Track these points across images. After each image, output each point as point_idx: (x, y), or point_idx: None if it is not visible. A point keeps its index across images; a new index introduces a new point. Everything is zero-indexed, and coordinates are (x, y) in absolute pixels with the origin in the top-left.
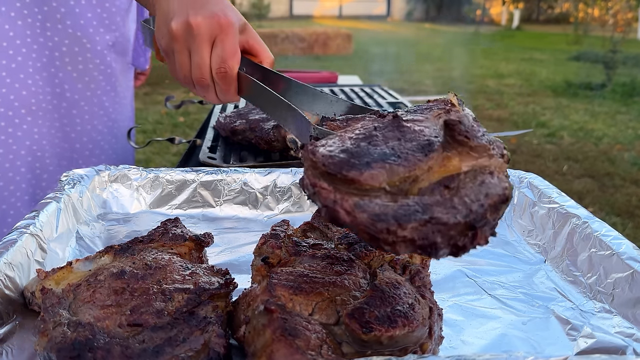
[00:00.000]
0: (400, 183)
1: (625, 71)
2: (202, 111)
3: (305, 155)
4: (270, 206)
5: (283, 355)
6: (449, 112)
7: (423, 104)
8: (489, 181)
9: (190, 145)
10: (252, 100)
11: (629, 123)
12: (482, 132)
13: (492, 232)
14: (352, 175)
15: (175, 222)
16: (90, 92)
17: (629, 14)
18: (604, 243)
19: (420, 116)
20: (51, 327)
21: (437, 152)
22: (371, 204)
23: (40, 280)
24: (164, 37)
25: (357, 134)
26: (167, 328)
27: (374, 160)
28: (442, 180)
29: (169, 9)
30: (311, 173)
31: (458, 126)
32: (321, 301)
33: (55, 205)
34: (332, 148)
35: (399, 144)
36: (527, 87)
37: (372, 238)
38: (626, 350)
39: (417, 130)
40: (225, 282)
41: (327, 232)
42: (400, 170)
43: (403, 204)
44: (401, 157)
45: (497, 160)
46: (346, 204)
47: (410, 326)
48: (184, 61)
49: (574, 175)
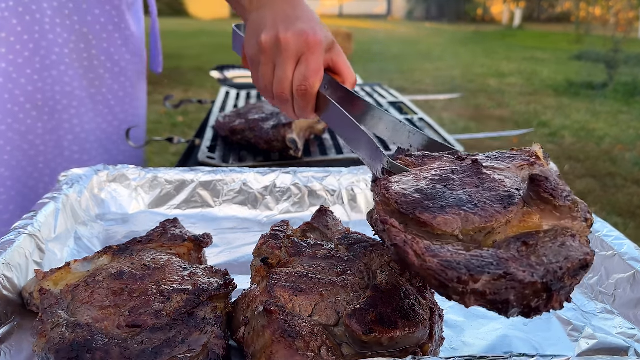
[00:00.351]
0: (475, 233)
1: (627, 70)
2: (201, 111)
3: (378, 190)
4: (269, 206)
5: (283, 357)
6: (533, 165)
7: (505, 152)
8: (570, 244)
9: (189, 145)
10: (328, 120)
11: (631, 123)
12: (568, 193)
13: (567, 298)
14: (425, 217)
15: (174, 223)
16: (95, 89)
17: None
18: (606, 243)
19: (501, 164)
20: (49, 328)
21: (518, 206)
22: (443, 250)
23: (39, 280)
24: (253, 47)
25: (433, 175)
26: (165, 329)
27: (449, 205)
28: (520, 236)
29: (261, 22)
30: (382, 209)
31: (544, 183)
32: (321, 302)
33: (53, 205)
34: (407, 186)
35: (476, 192)
36: (528, 87)
37: (441, 285)
38: (628, 351)
39: (497, 180)
40: (224, 282)
41: (327, 232)
42: (476, 219)
43: (476, 254)
44: (478, 206)
45: (580, 223)
46: (417, 246)
47: (411, 327)
48: (267, 73)
49: (575, 175)
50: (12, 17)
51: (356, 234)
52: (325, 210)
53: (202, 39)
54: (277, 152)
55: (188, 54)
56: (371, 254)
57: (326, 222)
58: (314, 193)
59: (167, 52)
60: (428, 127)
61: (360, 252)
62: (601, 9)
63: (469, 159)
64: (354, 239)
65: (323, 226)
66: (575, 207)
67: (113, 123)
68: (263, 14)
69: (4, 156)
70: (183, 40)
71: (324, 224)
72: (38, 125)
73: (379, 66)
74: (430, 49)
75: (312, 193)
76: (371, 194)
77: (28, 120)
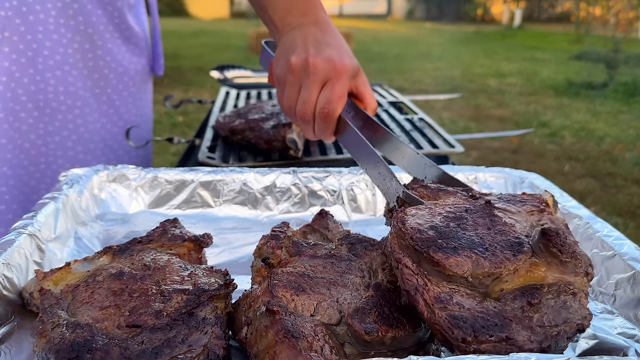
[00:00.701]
0: (483, 277)
1: (627, 70)
2: (201, 111)
3: (394, 222)
4: (269, 206)
5: (286, 357)
6: (543, 212)
7: (517, 195)
8: (571, 304)
9: (189, 145)
10: (346, 145)
11: (631, 123)
12: (574, 248)
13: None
14: (438, 257)
15: (174, 223)
16: (99, 89)
17: (630, 13)
18: (606, 243)
19: (512, 207)
20: (50, 328)
21: (526, 255)
22: (452, 302)
23: (39, 280)
24: (282, 67)
25: (447, 212)
26: (166, 329)
27: (462, 246)
28: (526, 290)
29: (292, 44)
30: (397, 243)
31: (555, 238)
32: (323, 301)
33: (53, 205)
34: (422, 222)
35: (488, 234)
36: (528, 87)
37: (446, 341)
38: (628, 351)
39: (508, 224)
40: (224, 282)
41: (327, 234)
42: (486, 264)
43: (483, 310)
44: (489, 250)
45: (582, 279)
46: (427, 295)
47: (413, 327)
48: (293, 93)
49: (575, 175)
50: (16, 17)
51: (356, 235)
52: (326, 213)
53: (202, 39)
54: (277, 152)
55: (188, 54)
56: (372, 253)
57: (326, 224)
58: (314, 193)
59: (168, 52)
60: (428, 127)
61: (361, 251)
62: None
63: (482, 199)
64: (355, 239)
65: (323, 228)
66: (579, 262)
67: (118, 123)
68: (294, 36)
69: (6, 155)
70: (183, 40)
71: (324, 226)
72: (39, 126)
73: (379, 66)
74: (430, 49)
75: (312, 193)
76: (371, 194)
77: (30, 120)
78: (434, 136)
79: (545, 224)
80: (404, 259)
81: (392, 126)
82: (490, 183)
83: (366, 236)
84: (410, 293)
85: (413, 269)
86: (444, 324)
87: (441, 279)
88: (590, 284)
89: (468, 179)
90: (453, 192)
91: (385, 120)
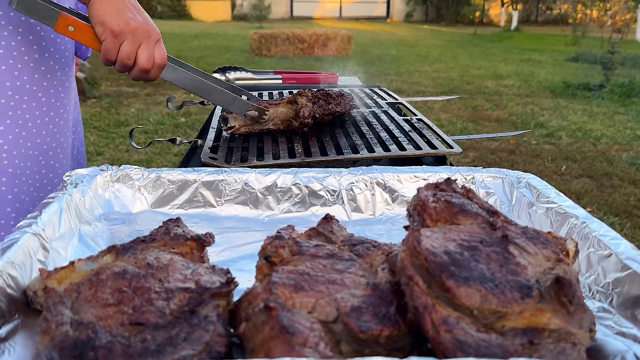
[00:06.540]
0: (489, 314)
1: (624, 72)
2: (203, 112)
3: (408, 240)
4: (270, 206)
5: (280, 352)
6: (560, 262)
7: (542, 234)
8: (570, 353)
9: (191, 145)
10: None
11: (627, 123)
12: (583, 302)
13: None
14: (449, 284)
15: (177, 222)
16: (47, 82)
17: (627, 15)
18: (602, 243)
19: (531, 248)
20: (53, 326)
21: (534, 300)
22: (457, 326)
23: (43, 279)
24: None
25: (462, 239)
26: (168, 327)
27: (473, 278)
28: (528, 330)
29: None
30: (410, 261)
31: (567, 289)
32: (321, 299)
33: (57, 205)
34: (437, 244)
35: (499, 271)
36: (525, 88)
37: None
38: (626, 352)
39: (521, 265)
40: (226, 281)
41: (332, 237)
42: (494, 301)
43: (485, 339)
44: (498, 288)
45: (584, 333)
46: (435, 316)
47: (408, 326)
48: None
49: (572, 175)
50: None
51: (359, 237)
52: (331, 217)
53: (204, 41)
54: (298, 130)
55: (190, 56)
56: (373, 253)
57: (331, 228)
58: (315, 193)
59: (170, 54)
60: (426, 127)
61: (362, 251)
62: (598, 11)
63: (501, 231)
64: (357, 240)
65: (328, 231)
66: (585, 317)
67: (64, 116)
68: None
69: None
70: (185, 43)
71: (329, 230)
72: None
73: (378, 68)
74: (428, 51)
75: (312, 193)
76: (370, 194)
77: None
78: (432, 137)
79: (558, 273)
80: (415, 277)
81: (391, 127)
82: (488, 183)
83: (368, 238)
84: (419, 309)
85: (424, 288)
86: (448, 344)
87: (447, 305)
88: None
89: (466, 179)
90: (474, 214)
91: (385, 122)
